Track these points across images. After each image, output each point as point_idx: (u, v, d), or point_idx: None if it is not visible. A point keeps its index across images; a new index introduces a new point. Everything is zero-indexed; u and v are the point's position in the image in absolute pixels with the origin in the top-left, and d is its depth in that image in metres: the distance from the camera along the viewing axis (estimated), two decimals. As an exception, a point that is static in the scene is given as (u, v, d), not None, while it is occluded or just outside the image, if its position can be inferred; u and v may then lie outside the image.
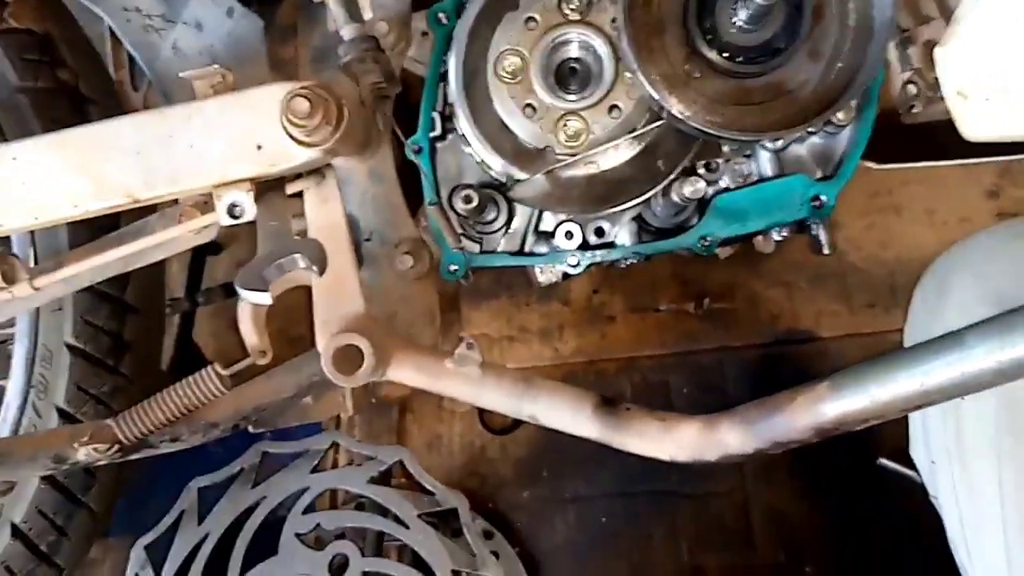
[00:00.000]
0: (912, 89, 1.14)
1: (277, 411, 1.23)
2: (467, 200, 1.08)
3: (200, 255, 1.84)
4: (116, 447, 1.10)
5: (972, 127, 0.92)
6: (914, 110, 1.15)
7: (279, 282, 0.92)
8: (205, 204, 1.15)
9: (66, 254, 1.21)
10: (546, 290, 1.73)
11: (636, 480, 1.60)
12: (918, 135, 1.32)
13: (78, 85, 1.31)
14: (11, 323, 1.41)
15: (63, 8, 1.35)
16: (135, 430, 1.07)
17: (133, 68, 1.73)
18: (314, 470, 1.25)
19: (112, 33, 1.70)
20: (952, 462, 0.96)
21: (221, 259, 1.88)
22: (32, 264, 1.27)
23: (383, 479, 1.24)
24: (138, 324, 1.36)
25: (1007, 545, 0.90)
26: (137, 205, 1.05)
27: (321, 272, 0.91)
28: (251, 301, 0.91)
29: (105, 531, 1.58)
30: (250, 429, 1.24)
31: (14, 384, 1.34)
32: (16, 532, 1.33)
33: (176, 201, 1.15)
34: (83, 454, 1.12)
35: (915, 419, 1.07)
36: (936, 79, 1.13)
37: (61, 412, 1.32)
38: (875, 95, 1.11)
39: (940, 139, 1.38)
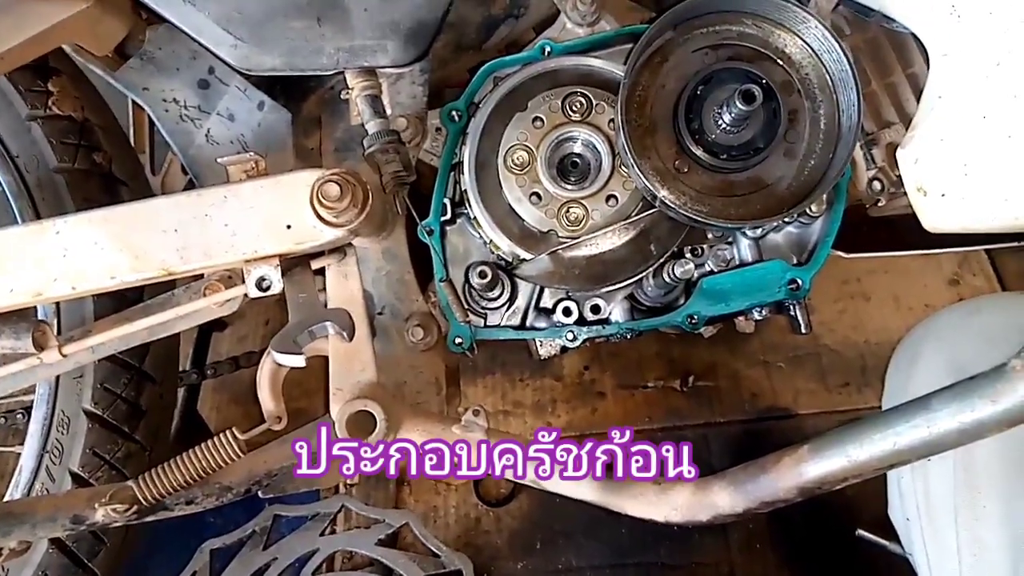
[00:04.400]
0: (877, 185, 1.27)
1: (287, 477, 1.28)
2: (482, 275, 1.18)
3: (206, 332, 1.91)
4: (134, 508, 1.15)
5: (931, 219, 1.05)
6: (879, 204, 1.28)
7: (310, 347, 1.00)
8: (229, 279, 1.24)
9: (95, 323, 1.28)
10: (539, 367, 1.81)
11: (626, 552, 1.64)
12: (884, 227, 1.45)
13: (111, 168, 1.41)
14: (25, 392, 1.46)
15: (100, 98, 1.46)
16: (155, 491, 1.11)
17: (152, 154, 1.84)
18: (323, 533, 1.29)
19: (134, 123, 1.82)
20: (921, 517, 1.04)
21: (225, 336, 1.96)
22: (55, 332, 1.34)
23: (390, 541, 1.28)
24: (154, 393, 1.41)
25: None
26: (171, 278, 1.13)
27: (350, 338, 0.99)
28: (286, 364, 0.99)
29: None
30: (260, 494, 1.29)
31: (29, 449, 1.38)
32: (20, 597, 1.35)
33: (201, 276, 1.24)
34: (101, 515, 1.15)
35: (892, 481, 1.15)
36: (899, 176, 1.27)
37: (75, 476, 1.35)
38: (844, 190, 1.24)
39: (904, 231, 1.51)
